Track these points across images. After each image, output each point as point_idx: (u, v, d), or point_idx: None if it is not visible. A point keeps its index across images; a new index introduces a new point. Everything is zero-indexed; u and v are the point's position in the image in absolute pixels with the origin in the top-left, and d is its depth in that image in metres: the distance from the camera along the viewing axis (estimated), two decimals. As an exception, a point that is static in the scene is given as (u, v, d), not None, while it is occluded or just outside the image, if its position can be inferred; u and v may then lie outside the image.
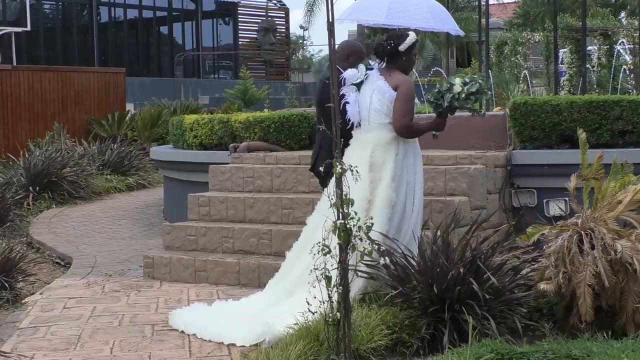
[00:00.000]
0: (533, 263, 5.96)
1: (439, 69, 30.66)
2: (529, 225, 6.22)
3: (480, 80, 6.47)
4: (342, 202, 5.03)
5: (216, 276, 7.94)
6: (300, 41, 53.48)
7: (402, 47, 6.53)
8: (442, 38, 33.26)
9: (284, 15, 40.91)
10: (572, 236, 5.56)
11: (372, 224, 5.21)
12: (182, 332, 6.18)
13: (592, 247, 5.45)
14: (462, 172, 7.74)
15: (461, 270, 5.58)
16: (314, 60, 69.58)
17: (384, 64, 6.64)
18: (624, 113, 8.05)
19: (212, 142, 10.46)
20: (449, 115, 6.59)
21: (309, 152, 9.35)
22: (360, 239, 5.08)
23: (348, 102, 6.55)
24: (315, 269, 5.00)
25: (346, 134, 6.59)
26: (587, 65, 19.91)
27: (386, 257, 5.77)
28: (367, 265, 5.80)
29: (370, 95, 6.53)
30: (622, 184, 5.82)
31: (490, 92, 6.88)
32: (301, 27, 44.69)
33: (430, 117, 6.91)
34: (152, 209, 13.63)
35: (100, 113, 20.65)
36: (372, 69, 6.65)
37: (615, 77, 18.91)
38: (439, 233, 5.98)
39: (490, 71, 17.15)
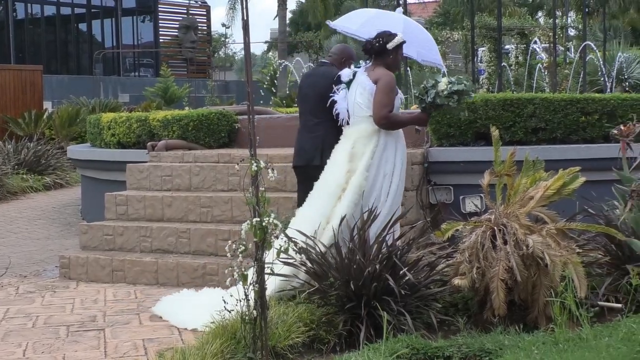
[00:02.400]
0: (448, 259, 6.04)
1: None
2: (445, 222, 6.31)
3: (465, 82, 6.72)
4: (258, 200, 5.01)
5: (134, 276, 7.86)
6: (223, 39, 53.28)
7: (390, 45, 6.82)
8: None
9: (205, 12, 40.63)
10: (485, 232, 5.65)
11: (289, 221, 5.20)
12: (161, 318, 6.49)
13: (505, 243, 5.54)
14: (380, 169, 7.78)
15: (377, 266, 5.63)
16: (236, 58, 69.37)
17: (371, 61, 6.91)
18: (536, 111, 8.20)
19: (130, 140, 10.34)
20: (432, 111, 6.88)
21: (229, 151, 9.35)
22: (276, 237, 5.07)
23: (336, 101, 6.90)
24: (231, 268, 4.99)
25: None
26: (504, 64, 20.25)
27: (302, 255, 5.80)
28: (284, 264, 5.81)
29: (355, 91, 6.82)
30: (533, 180, 5.93)
31: (473, 95, 7.10)
32: (223, 25, 44.54)
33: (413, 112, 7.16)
34: (69, 209, 13.42)
35: (17, 111, 20.24)
36: (360, 67, 6.96)
37: (532, 75, 19.27)
38: (355, 230, 6.01)
39: (410, 70, 17.32)
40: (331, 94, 6.94)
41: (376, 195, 6.61)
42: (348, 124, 6.89)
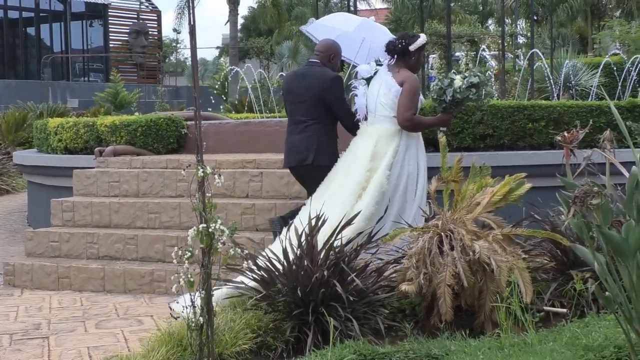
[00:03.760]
0: (396, 264, 6.04)
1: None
2: (393, 227, 6.31)
3: (479, 74, 6.84)
4: (205, 206, 4.98)
5: (80, 283, 7.77)
6: (174, 44, 52.99)
7: (412, 47, 6.94)
8: (314, 43, 33.52)
9: (156, 17, 40.42)
10: (432, 237, 5.65)
11: (236, 227, 5.16)
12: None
13: (452, 248, 5.54)
14: (329, 175, 7.79)
15: (325, 272, 5.60)
16: (187, 63, 69.03)
17: (393, 61, 7.00)
18: (484, 117, 8.27)
19: (77, 146, 10.23)
20: (454, 109, 7.00)
21: (177, 156, 9.29)
22: (223, 243, 5.03)
23: (357, 95, 7.01)
24: (177, 274, 4.94)
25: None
26: (454, 71, 20.40)
27: (249, 261, 5.77)
28: (232, 270, 5.77)
29: (377, 89, 6.91)
30: (479, 186, 5.97)
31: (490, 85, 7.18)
32: (175, 30, 44.34)
33: None
34: (15, 215, 13.24)
35: (-38, 116, 19.95)
36: (381, 64, 7.04)
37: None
38: (303, 236, 5.99)
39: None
40: (354, 87, 7.08)
41: (402, 197, 6.76)
42: (366, 119, 7.00)
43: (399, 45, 6.95)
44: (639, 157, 4.12)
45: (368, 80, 7.04)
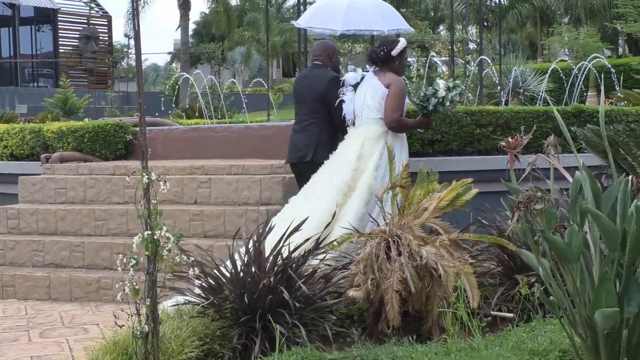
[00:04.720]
0: (344, 270, 6.02)
1: (260, 79, 30.77)
2: (342, 233, 6.29)
3: (463, 86, 7.15)
4: (150, 213, 4.92)
5: (25, 291, 7.66)
6: (125, 49, 52.58)
7: (394, 52, 7.14)
8: (265, 48, 33.51)
9: (106, 23, 40.07)
10: (380, 243, 5.65)
11: (182, 234, 5.10)
12: None
13: (399, 254, 5.54)
14: (278, 181, 7.79)
15: (272, 279, 5.58)
16: (139, 69, 68.41)
17: (378, 68, 7.19)
18: (433, 123, 8.28)
19: (23, 152, 10.09)
20: (433, 115, 7.40)
21: (125, 162, 9.20)
22: (169, 250, 4.97)
23: (344, 101, 7.17)
24: (123, 282, 4.88)
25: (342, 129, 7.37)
26: (403, 78, 20.47)
27: (196, 268, 5.71)
28: (178, 277, 5.71)
29: (364, 93, 7.08)
30: (427, 191, 5.99)
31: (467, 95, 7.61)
32: (125, 35, 44.01)
33: None
34: (-39, 223, 12.99)
35: None
36: (367, 71, 7.23)
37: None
38: (251, 242, 5.95)
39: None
40: (342, 94, 7.22)
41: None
42: (353, 124, 7.15)
43: (381, 53, 7.16)
44: (582, 162, 4.14)
45: (355, 87, 7.21)
